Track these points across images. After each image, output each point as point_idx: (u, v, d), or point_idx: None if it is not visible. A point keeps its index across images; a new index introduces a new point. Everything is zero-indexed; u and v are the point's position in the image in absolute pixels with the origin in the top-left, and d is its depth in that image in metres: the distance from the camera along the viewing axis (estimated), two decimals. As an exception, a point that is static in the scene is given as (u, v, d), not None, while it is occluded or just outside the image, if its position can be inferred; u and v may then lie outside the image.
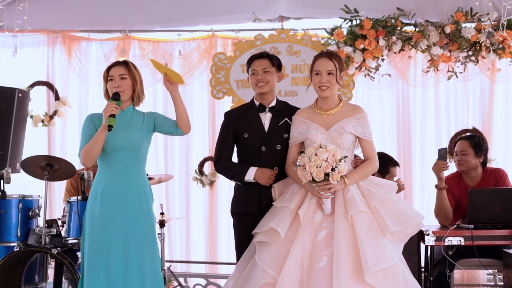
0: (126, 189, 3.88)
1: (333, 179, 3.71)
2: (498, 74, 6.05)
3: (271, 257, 3.71)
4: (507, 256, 4.37)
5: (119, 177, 3.89)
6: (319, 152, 3.72)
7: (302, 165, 3.77)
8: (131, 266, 3.81)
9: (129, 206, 3.87)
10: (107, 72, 3.98)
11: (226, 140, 4.25)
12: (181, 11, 6.38)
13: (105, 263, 3.79)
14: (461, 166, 4.88)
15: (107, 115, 3.78)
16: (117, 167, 3.90)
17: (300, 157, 3.83)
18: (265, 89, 4.17)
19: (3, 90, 5.73)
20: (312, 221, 3.76)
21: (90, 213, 3.89)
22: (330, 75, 3.94)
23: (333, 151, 3.72)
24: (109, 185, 3.88)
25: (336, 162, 3.70)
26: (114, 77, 3.94)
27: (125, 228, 3.84)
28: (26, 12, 6.30)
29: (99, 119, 3.94)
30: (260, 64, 4.20)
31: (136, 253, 3.83)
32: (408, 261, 3.94)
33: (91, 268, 3.82)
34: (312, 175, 3.71)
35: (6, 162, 5.58)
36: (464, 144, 4.88)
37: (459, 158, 4.87)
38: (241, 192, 4.19)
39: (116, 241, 3.82)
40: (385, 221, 3.69)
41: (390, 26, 5.90)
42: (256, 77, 4.18)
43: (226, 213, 6.27)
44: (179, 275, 6.11)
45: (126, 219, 3.85)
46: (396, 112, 6.28)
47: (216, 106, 6.47)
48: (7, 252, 4.88)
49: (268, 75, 4.18)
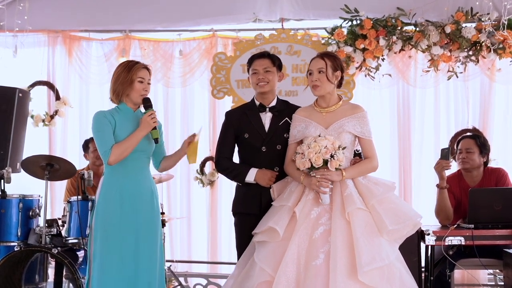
0: (140, 187, 3.94)
1: (331, 166, 3.73)
2: (498, 74, 6.04)
3: (268, 255, 3.73)
4: (507, 256, 4.37)
5: (135, 177, 3.94)
6: (318, 139, 3.77)
7: (301, 153, 3.79)
8: (141, 265, 3.84)
9: (142, 204, 3.92)
10: (136, 71, 3.97)
11: (227, 140, 4.26)
12: (181, 11, 6.38)
13: (118, 262, 3.81)
14: (465, 163, 4.87)
15: (150, 127, 3.89)
16: (132, 167, 3.94)
17: (299, 146, 3.86)
18: (266, 89, 4.18)
19: (3, 90, 5.73)
20: (309, 218, 3.78)
21: (103, 213, 3.88)
22: (320, 73, 3.95)
23: (332, 140, 3.77)
24: (126, 185, 3.90)
25: (335, 150, 3.72)
26: (144, 80, 3.99)
27: (136, 227, 3.87)
28: (26, 12, 6.31)
29: (111, 116, 3.93)
30: (261, 64, 4.20)
31: (147, 252, 3.87)
32: (408, 261, 3.94)
33: (105, 268, 3.81)
34: (311, 161, 3.72)
35: (6, 162, 5.58)
36: (470, 142, 4.88)
37: (464, 156, 4.86)
38: (242, 192, 4.21)
39: (127, 240, 3.84)
40: (383, 220, 3.70)
41: (390, 26, 5.90)
42: (257, 76, 4.18)
43: (226, 213, 6.27)
44: (180, 274, 6.11)
45: (139, 218, 3.89)
46: (396, 112, 6.27)
47: (216, 106, 6.46)
48: (8, 251, 4.89)
49: (269, 74, 4.18)
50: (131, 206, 3.87)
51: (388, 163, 6.18)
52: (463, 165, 4.89)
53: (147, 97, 3.97)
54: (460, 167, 4.93)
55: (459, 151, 4.91)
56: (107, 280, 3.80)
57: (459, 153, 4.91)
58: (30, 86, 6.55)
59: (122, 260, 3.81)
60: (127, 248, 3.83)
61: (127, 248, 3.83)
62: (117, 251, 3.82)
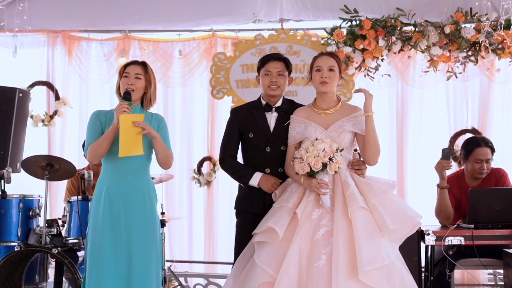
0: (130, 189, 3.90)
1: (331, 169, 3.74)
2: (497, 74, 6.04)
3: (269, 256, 3.74)
4: (507, 256, 4.37)
5: (124, 177, 3.91)
6: (315, 143, 3.78)
7: (299, 157, 3.79)
8: (135, 266, 3.82)
9: (133, 206, 3.88)
10: (123, 68, 4.00)
11: (232, 138, 4.26)
12: (181, 11, 6.38)
13: (108, 263, 3.80)
14: (483, 174, 4.79)
15: (118, 115, 3.79)
16: (121, 167, 3.91)
17: (297, 151, 3.86)
18: (276, 93, 4.19)
19: (3, 90, 5.72)
20: (310, 219, 3.78)
21: (94, 213, 3.89)
22: (331, 71, 3.98)
23: (329, 143, 3.78)
24: (114, 185, 3.89)
25: (333, 152, 3.73)
26: (129, 74, 3.96)
27: (128, 229, 3.85)
28: (26, 12, 6.29)
29: (105, 116, 3.95)
30: (276, 66, 4.19)
31: (140, 254, 3.84)
32: (408, 260, 3.95)
33: (93, 268, 3.82)
34: (310, 165, 3.73)
35: (6, 162, 5.57)
36: (488, 152, 4.79)
37: (485, 167, 4.77)
38: (246, 191, 4.22)
39: (120, 242, 3.83)
40: (384, 219, 3.71)
41: (389, 26, 5.90)
42: (270, 78, 4.16)
43: (224, 213, 6.27)
44: (180, 274, 6.10)
45: (130, 219, 3.86)
46: (396, 112, 6.27)
47: (216, 106, 6.46)
48: (8, 251, 4.89)
49: (281, 78, 4.18)
50: (119, 207, 3.85)
51: (386, 163, 6.18)
52: (481, 175, 4.80)
53: (128, 90, 3.91)
54: (476, 176, 4.82)
55: (477, 161, 4.77)
56: (95, 280, 3.80)
57: (476, 162, 4.78)
58: (29, 86, 6.54)
59: (112, 260, 3.80)
60: (119, 249, 3.81)
61: (119, 249, 3.81)
62: (106, 252, 3.80)
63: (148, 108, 4.08)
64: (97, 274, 3.80)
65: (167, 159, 3.99)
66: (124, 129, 3.76)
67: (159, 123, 4.06)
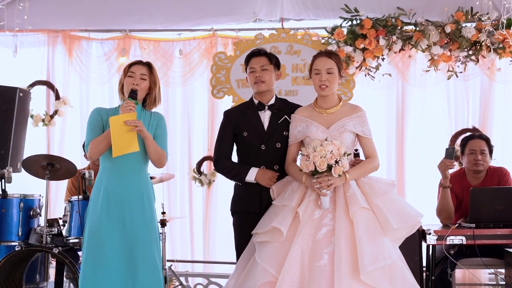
0: (128, 188, 3.89)
1: (335, 172, 3.73)
2: (498, 74, 6.04)
3: (271, 255, 3.72)
4: (509, 255, 4.37)
5: (122, 176, 3.90)
6: (324, 143, 3.76)
7: (306, 155, 3.78)
8: (133, 265, 3.81)
9: (131, 205, 3.87)
10: (128, 68, 4.00)
11: (226, 139, 4.24)
12: (181, 11, 6.38)
13: (104, 261, 3.79)
14: (479, 166, 4.76)
15: (124, 113, 3.81)
16: (120, 165, 3.91)
17: (305, 148, 3.85)
18: (263, 88, 4.15)
19: (4, 90, 5.72)
20: (312, 218, 3.77)
21: (91, 211, 3.89)
22: (329, 74, 3.95)
23: (338, 145, 3.75)
24: (112, 183, 3.89)
25: (340, 156, 3.72)
26: (135, 74, 3.97)
27: (126, 228, 3.84)
28: (26, 11, 6.29)
29: (107, 114, 3.96)
30: (258, 62, 4.17)
31: (138, 253, 3.83)
32: (410, 260, 3.95)
33: (88, 266, 3.81)
34: (315, 165, 3.72)
35: (7, 162, 5.57)
36: (482, 143, 4.79)
37: (479, 158, 4.75)
38: (242, 190, 4.19)
39: (117, 241, 3.82)
40: (387, 218, 3.71)
41: (390, 26, 5.90)
42: (254, 74, 4.15)
43: (224, 213, 6.26)
44: (180, 274, 6.10)
45: (128, 218, 3.85)
46: (396, 112, 6.27)
47: (216, 106, 6.46)
48: (8, 251, 4.89)
49: (266, 73, 4.15)
50: (117, 205, 3.85)
51: (386, 163, 6.18)
52: (477, 167, 4.76)
53: (134, 89, 3.93)
54: (473, 169, 4.79)
55: (471, 152, 4.78)
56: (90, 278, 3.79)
57: (470, 154, 4.78)
58: (29, 86, 6.54)
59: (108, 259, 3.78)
60: (115, 248, 3.80)
61: (115, 248, 3.80)
62: (101, 250, 3.79)
63: (152, 108, 4.09)
64: (94, 272, 3.78)
65: (160, 158, 3.98)
66: (115, 130, 3.78)
67: (158, 121, 4.07)
